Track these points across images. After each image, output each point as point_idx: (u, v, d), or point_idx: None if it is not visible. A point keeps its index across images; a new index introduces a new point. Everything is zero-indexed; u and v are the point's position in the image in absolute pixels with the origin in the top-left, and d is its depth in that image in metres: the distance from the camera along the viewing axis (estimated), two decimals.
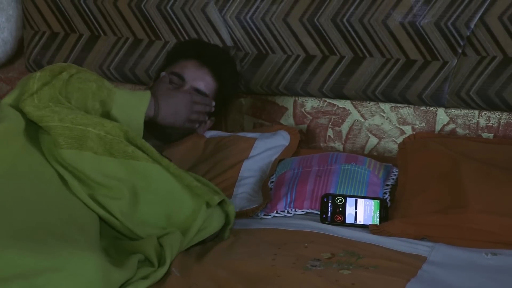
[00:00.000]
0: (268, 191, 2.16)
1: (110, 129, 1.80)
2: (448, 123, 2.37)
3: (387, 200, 2.07)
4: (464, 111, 2.35)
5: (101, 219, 1.78)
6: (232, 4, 2.47)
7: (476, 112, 2.35)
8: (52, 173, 1.77)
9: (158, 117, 2.01)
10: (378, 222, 2.00)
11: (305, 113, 2.51)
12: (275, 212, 2.10)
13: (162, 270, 1.69)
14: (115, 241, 1.78)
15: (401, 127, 2.42)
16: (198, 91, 2.17)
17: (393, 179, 2.19)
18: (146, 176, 1.80)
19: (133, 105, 1.92)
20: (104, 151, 1.79)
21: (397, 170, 2.21)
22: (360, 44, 2.36)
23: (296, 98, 2.51)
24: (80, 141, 1.78)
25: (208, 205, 1.83)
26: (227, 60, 2.30)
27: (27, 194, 1.71)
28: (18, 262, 1.50)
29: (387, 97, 2.38)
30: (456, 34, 2.26)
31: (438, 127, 2.38)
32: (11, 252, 1.51)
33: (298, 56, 2.44)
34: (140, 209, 1.79)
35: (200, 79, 2.19)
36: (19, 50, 2.80)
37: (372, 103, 2.44)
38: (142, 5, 2.55)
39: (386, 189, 2.14)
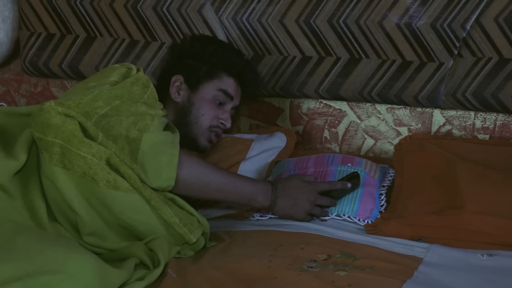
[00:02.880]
0: None
1: (96, 151, 1.75)
2: (444, 124, 2.38)
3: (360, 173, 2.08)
4: (460, 112, 2.36)
5: None
6: (229, 5, 2.47)
7: (472, 113, 2.35)
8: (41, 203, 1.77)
9: (274, 209, 1.97)
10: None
11: (302, 115, 2.51)
12: (270, 213, 2.09)
13: (158, 271, 1.69)
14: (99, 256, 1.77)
15: (397, 128, 2.42)
16: (237, 107, 2.24)
17: (389, 180, 2.19)
18: (123, 206, 1.76)
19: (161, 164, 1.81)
20: (84, 174, 1.74)
21: (393, 171, 2.22)
22: (356, 45, 2.36)
23: (292, 100, 2.51)
24: (63, 159, 1.75)
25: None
26: (257, 86, 2.38)
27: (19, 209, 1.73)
28: (14, 270, 1.50)
29: (383, 98, 2.38)
30: (452, 36, 2.27)
31: (434, 128, 2.38)
32: (6, 265, 1.51)
33: (294, 57, 2.44)
34: (112, 235, 1.80)
35: (239, 98, 2.25)
36: (15, 51, 2.79)
37: (368, 104, 2.44)
38: (138, 6, 2.55)
39: (382, 190, 2.14)
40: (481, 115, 2.34)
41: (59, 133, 1.74)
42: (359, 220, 2.05)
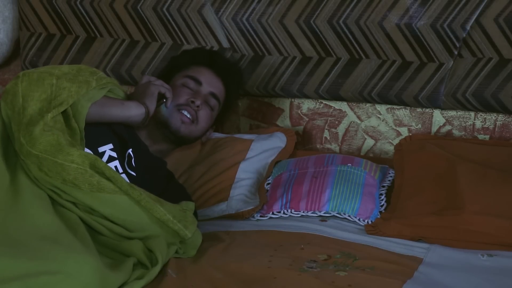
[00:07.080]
0: (264, 193, 2.16)
1: (77, 157, 1.75)
2: (444, 125, 2.38)
3: None
4: (460, 112, 2.36)
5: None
6: (229, 5, 2.47)
7: (472, 113, 2.35)
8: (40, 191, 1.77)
9: (150, 111, 2.02)
10: None
11: (302, 115, 2.51)
12: (271, 213, 2.10)
13: (156, 270, 1.70)
14: (100, 237, 1.78)
15: (397, 128, 2.42)
16: (213, 94, 2.21)
17: (389, 180, 2.19)
18: (112, 208, 1.77)
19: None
20: (64, 181, 1.74)
21: (393, 172, 2.22)
22: (356, 45, 2.36)
23: (293, 100, 2.51)
24: (42, 167, 1.76)
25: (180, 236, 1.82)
26: (236, 72, 2.35)
27: (18, 205, 1.72)
28: (14, 267, 1.50)
29: (383, 99, 2.38)
30: (452, 36, 2.27)
31: (434, 129, 2.38)
32: (6, 259, 1.51)
33: (295, 57, 2.44)
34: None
35: (215, 85, 2.23)
36: (15, 51, 2.79)
37: (368, 104, 2.44)
38: (138, 7, 2.55)
39: (382, 190, 2.15)
40: (481, 115, 2.34)
41: (37, 145, 1.75)
42: (359, 220, 2.05)
